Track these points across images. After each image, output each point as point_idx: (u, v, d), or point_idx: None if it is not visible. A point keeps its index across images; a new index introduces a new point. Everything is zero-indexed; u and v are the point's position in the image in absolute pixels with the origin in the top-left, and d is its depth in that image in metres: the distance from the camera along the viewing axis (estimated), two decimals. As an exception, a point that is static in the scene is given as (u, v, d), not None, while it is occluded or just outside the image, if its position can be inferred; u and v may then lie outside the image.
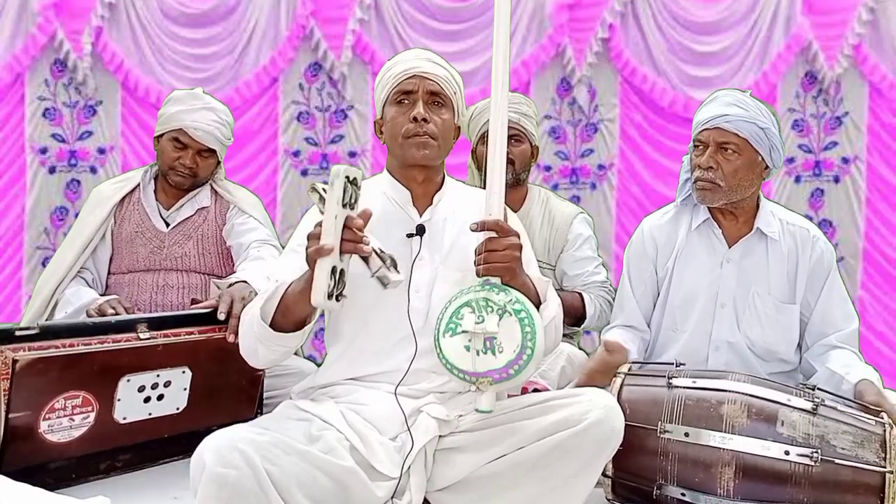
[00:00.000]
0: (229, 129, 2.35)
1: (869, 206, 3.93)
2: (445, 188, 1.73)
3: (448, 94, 1.66)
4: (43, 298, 2.22)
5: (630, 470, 1.66)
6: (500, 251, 1.46)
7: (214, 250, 2.33)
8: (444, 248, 1.65)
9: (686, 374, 1.73)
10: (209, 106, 2.30)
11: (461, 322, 1.44)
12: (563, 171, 4.01)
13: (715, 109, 1.93)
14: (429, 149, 1.63)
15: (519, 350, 1.40)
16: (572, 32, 3.91)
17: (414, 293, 1.60)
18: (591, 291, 2.38)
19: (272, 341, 1.53)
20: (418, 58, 1.68)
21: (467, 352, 1.43)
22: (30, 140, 3.89)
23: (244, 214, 2.35)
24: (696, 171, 1.95)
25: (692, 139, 2.00)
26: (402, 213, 1.66)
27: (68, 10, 3.83)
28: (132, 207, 2.33)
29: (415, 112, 1.62)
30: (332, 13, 3.92)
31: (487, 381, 1.43)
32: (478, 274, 1.48)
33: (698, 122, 1.97)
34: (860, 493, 1.52)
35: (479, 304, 1.44)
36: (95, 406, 1.76)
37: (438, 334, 1.47)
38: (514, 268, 1.48)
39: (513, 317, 1.42)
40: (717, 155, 1.92)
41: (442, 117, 1.65)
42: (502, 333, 1.42)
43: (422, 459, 1.47)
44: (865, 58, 3.84)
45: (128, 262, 2.29)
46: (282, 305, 1.51)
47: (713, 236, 2.02)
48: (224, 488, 1.26)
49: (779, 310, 1.97)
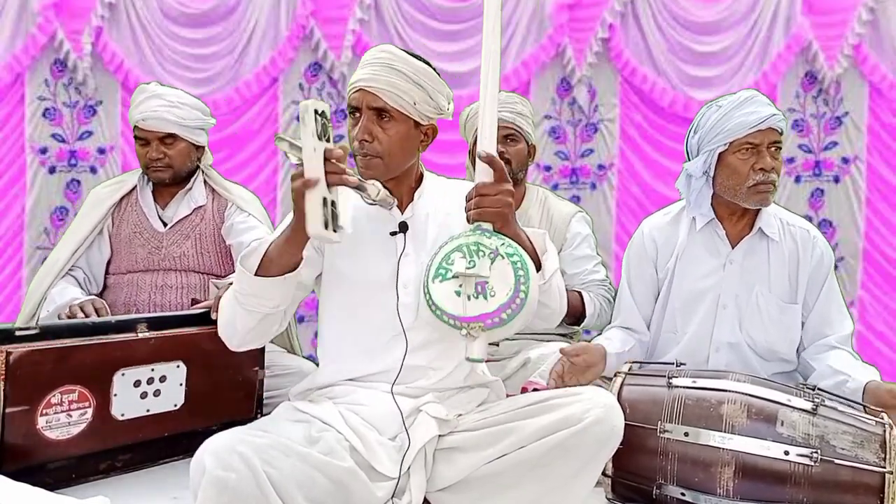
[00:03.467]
0: (189, 109, 2.29)
1: (869, 206, 3.93)
2: (425, 184, 1.71)
3: (395, 107, 1.57)
4: (37, 297, 2.23)
5: (630, 469, 1.66)
6: (492, 195, 1.45)
7: (213, 249, 2.33)
8: (428, 243, 1.64)
9: (686, 374, 1.73)
10: (155, 93, 2.28)
11: (451, 267, 1.42)
12: (562, 171, 4.01)
13: (763, 110, 1.90)
14: (373, 168, 1.59)
15: (512, 293, 1.38)
16: (572, 32, 3.91)
17: (402, 289, 1.59)
18: (591, 290, 2.37)
19: (252, 295, 1.48)
20: (373, 63, 1.59)
21: (458, 296, 1.41)
22: (30, 140, 3.89)
23: (243, 212, 2.34)
24: (753, 174, 1.90)
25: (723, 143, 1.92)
26: (383, 211, 1.65)
27: (68, 10, 3.83)
28: (129, 208, 2.33)
29: (354, 132, 1.59)
30: (332, 13, 3.91)
31: (479, 327, 1.40)
32: (469, 220, 1.46)
33: (742, 125, 1.89)
34: (860, 494, 1.52)
35: (469, 249, 1.43)
36: (92, 401, 1.76)
37: (427, 280, 1.45)
38: (506, 213, 1.46)
39: (505, 260, 1.40)
40: (772, 157, 1.92)
41: (388, 132, 1.58)
42: (494, 277, 1.40)
43: (422, 459, 1.47)
44: (865, 58, 3.84)
45: (126, 262, 2.29)
46: (266, 259, 1.48)
47: (717, 237, 2.02)
48: (224, 492, 1.26)
49: (781, 310, 1.97)
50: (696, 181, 2.00)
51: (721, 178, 1.96)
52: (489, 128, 1.49)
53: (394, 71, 1.58)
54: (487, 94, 1.49)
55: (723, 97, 2.01)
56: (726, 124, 1.92)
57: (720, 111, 1.95)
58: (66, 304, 2.11)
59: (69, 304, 2.08)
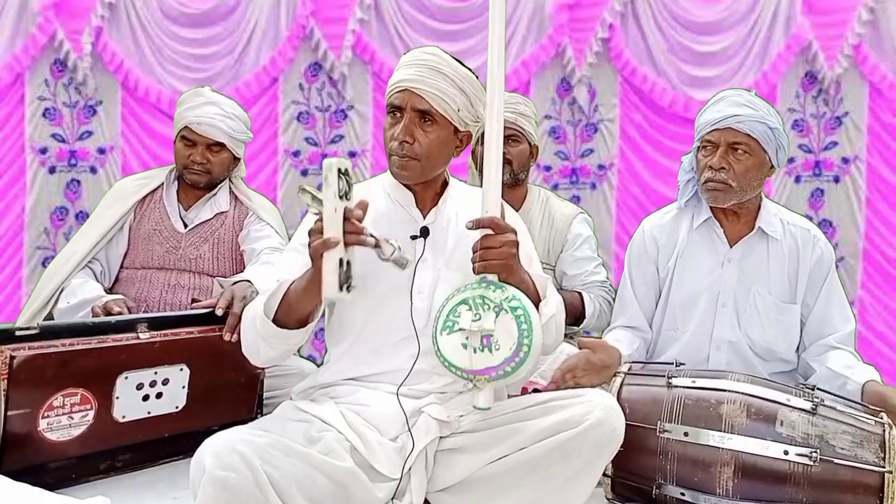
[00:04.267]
0: (239, 122, 2.34)
1: (869, 206, 3.93)
2: (449, 190, 1.72)
3: (439, 111, 1.57)
4: (52, 287, 2.20)
5: (630, 469, 1.66)
6: (496, 248, 1.45)
7: (229, 255, 2.35)
8: (447, 250, 1.65)
9: (686, 374, 1.73)
10: (212, 100, 2.31)
11: (458, 320, 1.44)
12: (563, 171, 4.01)
13: (726, 109, 1.91)
14: (409, 170, 1.60)
15: (515, 347, 1.40)
16: (572, 32, 3.91)
17: (417, 294, 1.60)
18: (591, 291, 2.38)
19: (275, 339, 1.52)
20: (418, 64, 1.58)
21: (464, 349, 1.43)
22: (30, 140, 3.88)
23: (261, 222, 2.37)
24: (706, 171, 1.94)
25: (697, 139, 1.99)
26: (405, 213, 1.66)
27: (68, 10, 3.83)
28: (153, 205, 2.34)
29: (396, 132, 1.58)
30: (332, 13, 3.91)
31: (485, 379, 1.43)
32: (474, 271, 1.47)
33: (706, 122, 1.94)
34: (859, 493, 1.52)
35: (475, 302, 1.44)
36: (94, 404, 1.76)
37: (436, 332, 1.47)
38: (510, 265, 1.47)
39: (509, 314, 1.41)
40: (728, 155, 1.91)
41: (430, 136, 1.58)
42: (499, 331, 1.41)
43: (422, 460, 1.47)
44: (865, 58, 3.83)
45: (142, 258, 2.30)
46: (285, 303, 1.50)
47: (714, 236, 2.02)
48: (224, 491, 1.26)
49: (780, 310, 1.97)
50: (686, 174, 2.06)
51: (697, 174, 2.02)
52: (494, 186, 1.47)
53: (440, 74, 1.57)
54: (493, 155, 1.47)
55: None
56: (699, 121, 1.98)
57: (703, 108, 2.01)
58: (94, 299, 2.10)
59: (99, 300, 2.07)
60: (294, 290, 1.49)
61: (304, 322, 1.53)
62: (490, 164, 1.47)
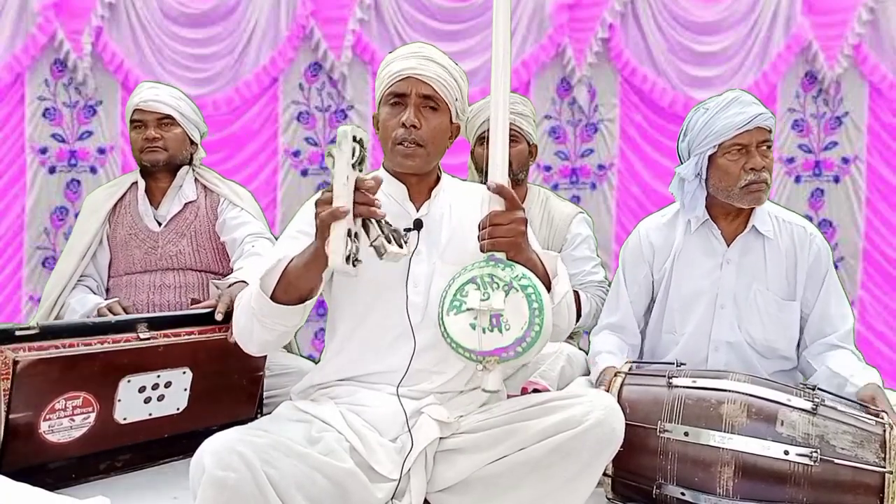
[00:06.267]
0: (186, 104, 2.36)
1: (869, 206, 3.93)
2: (442, 183, 1.72)
3: (442, 97, 1.60)
4: (48, 305, 2.26)
5: (630, 469, 1.66)
6: (505, 225, 1.43)
7: (209, 246, 2.34)
8: (441, 243, 1.64)
9: (686, 374, 1.73)
10: (155, 85, 2.39)
11: (466, 299, 1.41)
12: (563, 171, 4.01)
13: (748, 109, 1.89)
14: (416, 158, 1.60)
15: (526, 327, 1.37)
16: (572, 32, 3.91)
17: (412, 288, 1.59)
18: (588, 290, 2.39)
19: (271, 317, 1.47)
20: (416, 55, 1.62)
21: (473, 330, 1.40)
22: (30, 140, 3.88)
23: (235, 208, 2.34)
24: (745, 174, 1.89)
25: (712, 146, 1.92)
26: (399, 207, 1.65)
27: (68, 10, 3.83)
28: (124, 211, 2.35)
29: (404, 118, 1.58)
30: (332, 13, 3.91)
31: (494, 360, 1.40)
32: (482, 249, 1.44)
33: (731, 126, 1.88)
34: (860, 493, 1.52)
35: (483, 281, 1.41)
36: (96, 406, 1.76)
37: (442, 312, 1.44)
38: (519, 242, 1.44)
39: (519, 293, 1.38)
40: (761, 155, 1.91)
41: (434, 122, 1.60)
42: (509, 310, 1.38)
43: (422, 461, 1.47)
44: (865, 58, 3.84)
45: (124, 264, 2.31)
46: (284, 280, 1.46)
47: (712, 237, 2.02)
48: (223, 491, 1.26)
49: (780, 307, 1.97)
50: (689, 184, 2.00)
51: (713, 180, 1.96)
52: (501, 156, 1.45)
53: (438, 64, 1.61)
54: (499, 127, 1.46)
55: (710, 99, 2.00)
56: (714, 127, 1.91)
57: (707, 114, 1.94)
58: (90, 311, 2.15)
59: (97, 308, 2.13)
60: (293, 267, 1.45)
61: (302, 300, 1.48)
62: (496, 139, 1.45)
